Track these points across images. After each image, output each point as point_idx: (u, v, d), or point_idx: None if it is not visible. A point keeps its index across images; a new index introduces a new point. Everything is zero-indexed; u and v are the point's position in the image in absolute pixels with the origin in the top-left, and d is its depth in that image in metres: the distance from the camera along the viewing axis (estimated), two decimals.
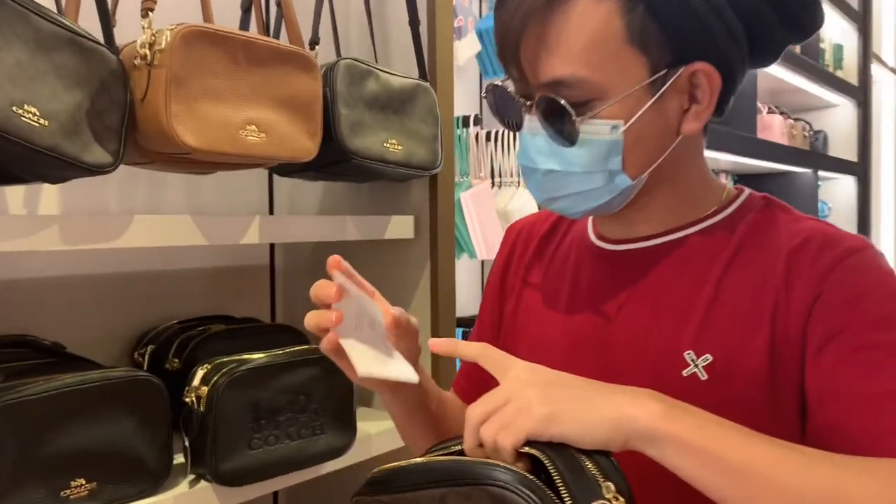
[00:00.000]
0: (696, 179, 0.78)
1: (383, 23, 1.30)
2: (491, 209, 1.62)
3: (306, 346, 1.09)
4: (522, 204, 1.69)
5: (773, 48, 0.74)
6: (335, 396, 1.09)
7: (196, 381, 0.99)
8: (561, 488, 0.55)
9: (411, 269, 1.29)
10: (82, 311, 1.19)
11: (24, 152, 0.75)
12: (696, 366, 0.69)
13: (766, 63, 0.76)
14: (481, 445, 0.61)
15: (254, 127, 0.95)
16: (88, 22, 0.86)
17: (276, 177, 1.47)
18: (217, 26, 0.91)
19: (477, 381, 0.91)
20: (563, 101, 0.67)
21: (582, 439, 0.58)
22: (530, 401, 0.59)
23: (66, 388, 0.85)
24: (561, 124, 0.69)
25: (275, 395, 1.02)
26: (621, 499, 0.55)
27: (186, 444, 0.97)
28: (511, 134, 1.81)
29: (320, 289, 0.72)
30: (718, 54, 0.69)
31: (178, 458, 0.98)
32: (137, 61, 0.87)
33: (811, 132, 3.46)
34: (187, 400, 0.98)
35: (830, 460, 0.57)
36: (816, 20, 0.72)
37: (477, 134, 1.71)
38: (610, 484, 0.56)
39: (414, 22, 1.21)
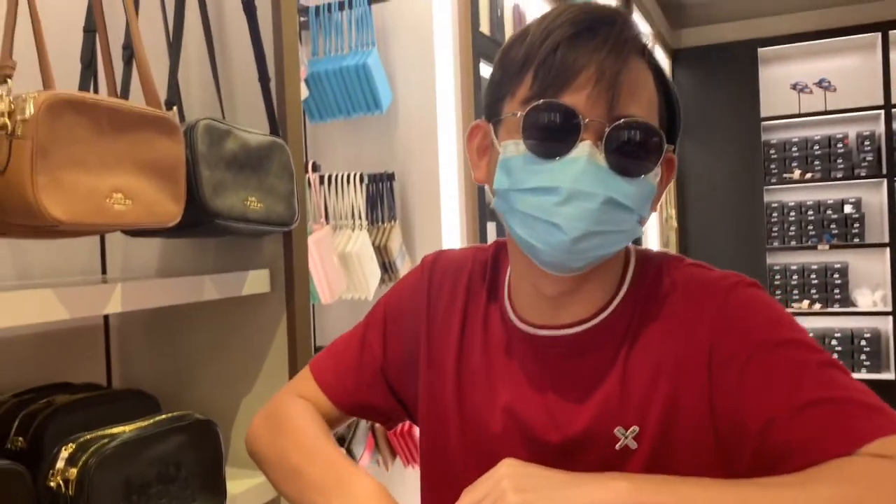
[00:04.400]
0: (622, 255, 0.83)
1: (227, 78, 1.30)
2: (331, 253, 1.65)
3: (172, 414, 1.06)
4: (360, 247, 1.74)
5: None
6: (204, 462, 1.07)
7: (61, 464, 0.93)
8: None
9: (267, 321, 1.29)
10: None
11: None
12: (627, 438, 0.76)
13: None
14: None
15: (120, 195, 0.92)
16: None
17: (107, 235, 1.40)
18: (82, 94, 0.88)
19: (361, 404, 0.95)
20: (658, 128, 0.74)
21: None
22: (505, 490, 0.63)
23: None
24: (641, 155, 0.73)
25: (145, 469, 0.98)
26: None
27: None
28: (344, 177, 1.86)
29: None
30: (675, 145, 0.79)
31: None
32: None
33: None
34: (52, 484, 0.92)
35: (785, 484, 0.63)
36: None
37: (312, 180, 1.74)
38: None
39: (264, 78, 1.22)
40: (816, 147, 5.37)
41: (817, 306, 5.38)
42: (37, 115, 0.81)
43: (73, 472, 0.91)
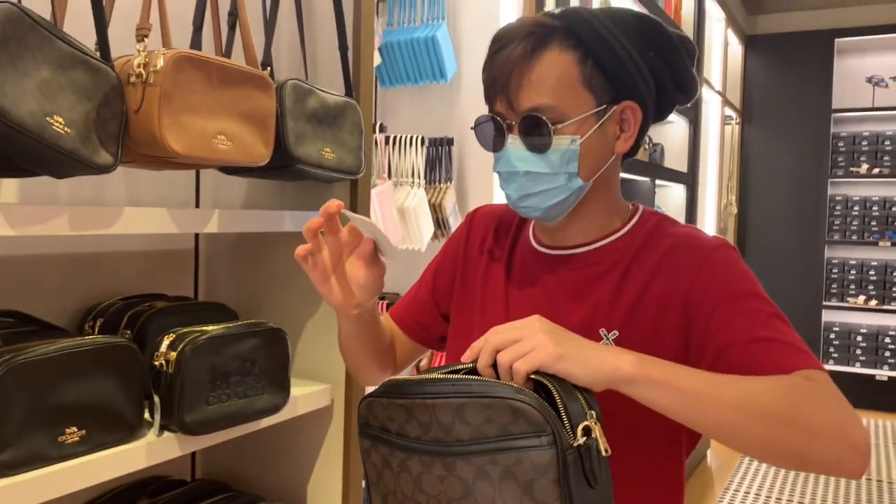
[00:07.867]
0: (614, 199, 1.06)
1: (311, 46, 1.51)
2: (391, 206, 1.85)
3: (252, 321, 1.29)
4: (417, 203, 1.94)
5: (668, 103, 1.05)
6: (274, 363, 1.29)
7: (163, 348, 1.16)
8: (560, 409, 0.74)
9: None
10: (34, 288, 1.32)
11: (54, 155, 0.92)
12: (608, 339, 0.97)
13: (661, 117, 1.06)
14: (492, 366, 0.80)
15: (223, 136, 1.14)
16: (79, 33, 1.02)
17: (202, 172, 1.64)
18: (198, 53, 1.09)
19: (419, 323, 1.20)
20: (543, 117, 0.95)
21: (579, 377, 0.77)
22: (545, 341, 0.78)
23: (64, 351, 1.01)
24: (539, 137, 0.95)
25: (227, 361, 1.21)
26: (598, 423, 0.75)
27: (156, 400, 1.15)
28: (407, 139, 2.06)
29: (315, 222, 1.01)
30: (639, 97, 0.99)
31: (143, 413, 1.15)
32: (133, 79, 1.04)
33: (650, 145, 3.94)
34: (156, 363, 1.15)
35: (747, 379, 0.84)
36: (694, 88, 1.05)
37: (378, 139, 1.94)
38: (592, 412, 0.76)
39: (343, 48, 1.42)
40: (888, 143, 5.32)
41: (873, 303, 5.36)
42: (166, 68, 1.03)
43: (173, 355, 1.15)
